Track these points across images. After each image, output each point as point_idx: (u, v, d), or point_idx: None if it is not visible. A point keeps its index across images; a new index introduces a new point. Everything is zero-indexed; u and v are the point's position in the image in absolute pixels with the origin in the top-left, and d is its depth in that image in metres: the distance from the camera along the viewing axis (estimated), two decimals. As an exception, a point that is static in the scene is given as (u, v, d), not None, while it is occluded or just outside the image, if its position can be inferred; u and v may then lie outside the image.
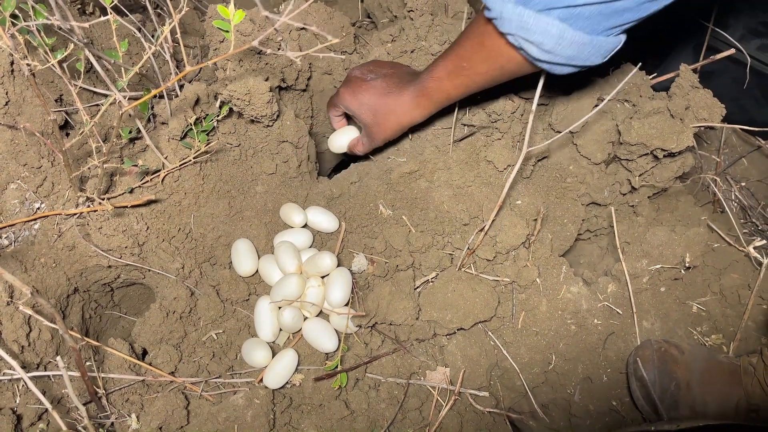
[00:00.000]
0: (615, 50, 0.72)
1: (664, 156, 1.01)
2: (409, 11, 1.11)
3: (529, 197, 1.04)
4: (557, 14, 0.67)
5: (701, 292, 1.09)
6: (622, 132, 1.00)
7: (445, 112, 0.98)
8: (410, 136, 1.10)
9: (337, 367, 0.94)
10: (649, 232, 1.07)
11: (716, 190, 1.22)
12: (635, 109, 1.03)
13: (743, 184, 1.32)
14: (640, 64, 0.96)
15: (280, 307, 0.97)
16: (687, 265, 1.04)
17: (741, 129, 1.25)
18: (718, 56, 1.08)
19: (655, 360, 0.95)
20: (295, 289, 0.95)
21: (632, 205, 1.13)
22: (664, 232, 1.06)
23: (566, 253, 1.11)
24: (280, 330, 0.99)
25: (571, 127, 0.89)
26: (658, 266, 1.05)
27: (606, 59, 0.73)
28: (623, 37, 0.72)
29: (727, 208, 1.21)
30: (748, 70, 1.14)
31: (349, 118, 1.09)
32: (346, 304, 0.97)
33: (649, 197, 1.12)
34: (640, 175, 1.06)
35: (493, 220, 0.99)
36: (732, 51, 1.07)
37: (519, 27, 0.69)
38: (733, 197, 1.30)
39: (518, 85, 0.99)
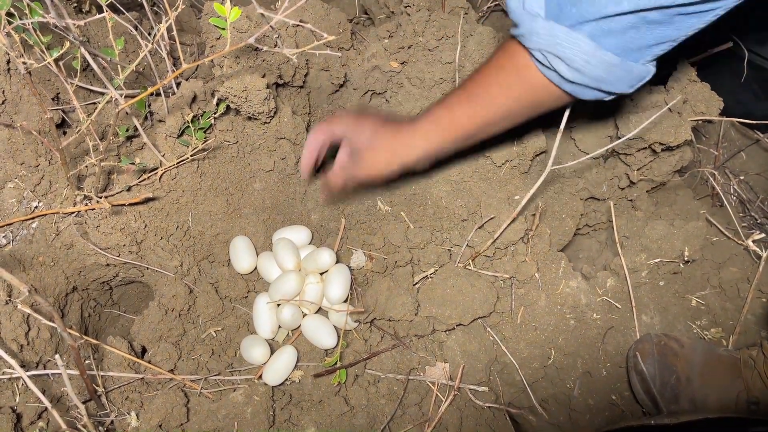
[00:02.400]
0: (644, 81, 0.69)
1: (662, 150, 1.01)
2: (405, 7, 1.11)
3: (527, 192, 1.03)
4: (588, 30, 0.64)
5: (700, 286, 1.09)
6: (620, 126, 1.00)
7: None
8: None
9: (336, 363, 0.94)
10: (647, 226, 1.07)
11: (714, 183, 1.22)
12: (633, 103, 1.02)
13: (742, 177, 1.31)
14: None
15: (279, 305, 0.97)
16: (686, 258, 1.04)
17: (739, 122, 1.25)
18: (716, 50, 1.08)
19: (655, 354, 0.95)
20: (294, 286, 0.95)
21: (631, 200, 1.13)
22: (663, 226, 1.06)
23: (565, 248, 1.11)
24: (279, 327, 0.99)
25: (598, 151, 0.89)
26: (657, 260, 1.05)
27: (634, 89, 0.71)
28: (653, 68, 0.69)
29: (725, 202, 1.21)
30: (745, 64, 1.14)
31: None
32: (345, 301, 0.97)
33: (647, 191, 1.12)
34: (638, 170, 1.06)
35: (489, 218, 0.99)
36: (729, 44, 1.07)
37: (549, 41, 0.66)
38: (731, 191, 1.30)
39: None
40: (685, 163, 1.06)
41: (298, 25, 1.01)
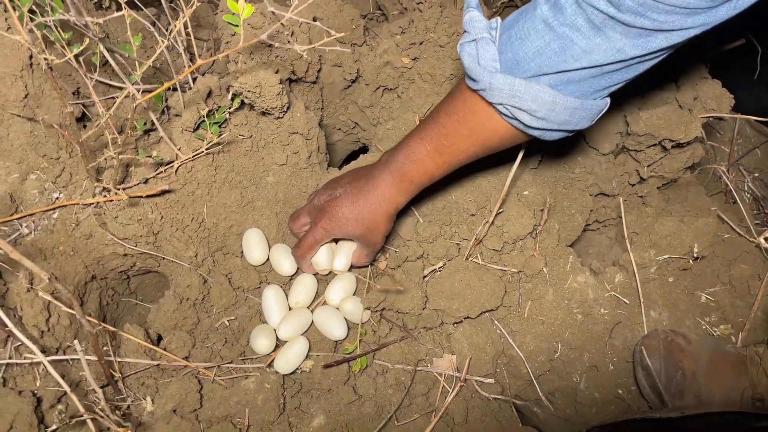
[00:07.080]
0: (603, 112, 0.73)
1: (673, 147, 1.01)
2: (418, 3, 1.12)
3: (536, 188, 1.04)
4: (547, 81, 0.67)
5: (710, 283, 1.09)
6: (630, 122, 1.01)
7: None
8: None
9: (356, 349, 0.96)
10: (657, 222, 1.08)
11: (727, 180, 1.21)
12: (643, 100, 1.03)
13: (756, 174, 1.30)
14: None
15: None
16: (695, 255, 1.05)
17: (754, 120, 1.24)
18: (729, 46, 1.07)
19: (661, 349, 0.96)
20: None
21: (641, 196, 1.13)
22: (673, 222, 1.06)
23: (574, 244, 1.12)
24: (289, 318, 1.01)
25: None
26: (666, 256, 1.06)
27: (593, 122, 0.74)
28: (609, 100, 0.73)
29: (738, 199, 1.20)
30: (759, 60, 1.13)
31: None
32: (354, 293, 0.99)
33: (658, 188, 1.12)
34: (648, 166, 1.07)
35: (498, 212, 1.00)
36: (742, 41, 1.06)
37: (510, 96, 0.68)
38: (745, 188, 1.29)
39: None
40: (696, 160, 1.06)
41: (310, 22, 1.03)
